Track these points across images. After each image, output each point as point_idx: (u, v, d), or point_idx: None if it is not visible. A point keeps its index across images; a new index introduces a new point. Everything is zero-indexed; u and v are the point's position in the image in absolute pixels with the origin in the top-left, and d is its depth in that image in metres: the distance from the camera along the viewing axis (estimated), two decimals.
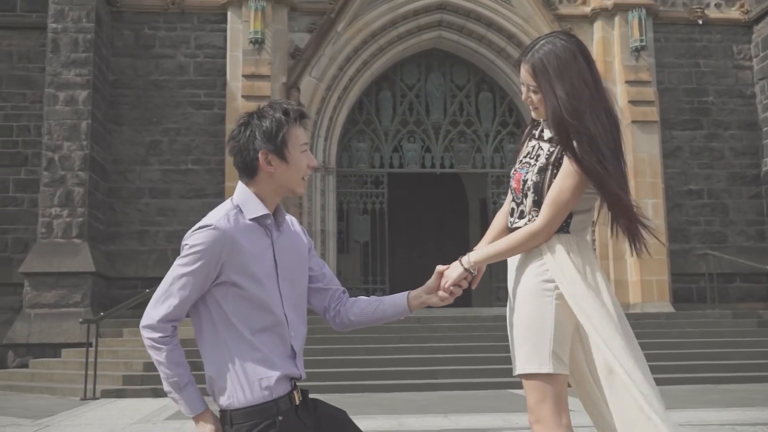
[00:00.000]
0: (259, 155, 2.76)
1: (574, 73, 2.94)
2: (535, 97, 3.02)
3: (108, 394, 10.76)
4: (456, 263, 3.02)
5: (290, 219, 2.96)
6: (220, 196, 15.21)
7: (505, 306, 3.16)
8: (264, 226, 2.79)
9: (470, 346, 12.45)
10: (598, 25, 16.61)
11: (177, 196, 15.49)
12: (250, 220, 2.76)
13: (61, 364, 12.63)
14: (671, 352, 12.26)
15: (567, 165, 2.92)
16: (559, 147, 2.98)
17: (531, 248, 2.99)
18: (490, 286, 16.67)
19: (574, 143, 2.88)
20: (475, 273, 3.00)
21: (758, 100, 17.27)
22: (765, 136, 17.02)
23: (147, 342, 2.70)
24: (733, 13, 17.50)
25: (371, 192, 16.97)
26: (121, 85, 15.73)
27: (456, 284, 2.97)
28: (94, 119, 14.62)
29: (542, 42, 3.04)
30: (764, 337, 13.45)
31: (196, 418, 2.72)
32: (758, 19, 17.20)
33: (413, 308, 2.98)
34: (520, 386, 3.04)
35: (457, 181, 21.25)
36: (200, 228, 2.70)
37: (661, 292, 15.52)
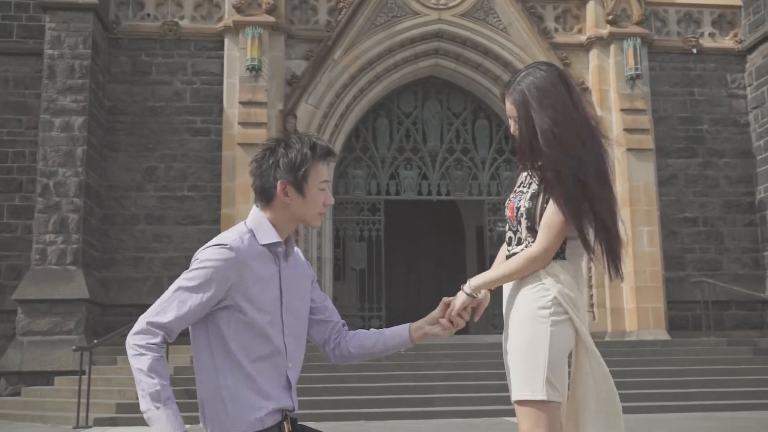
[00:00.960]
0: (278, 184, 2.77)
1: (554, 101, 2.99)
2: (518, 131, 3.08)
3: (101, 422, 10.67)
4: (459, 292, 3.05)
5: (296, 250, 2.96)
6: (216, 222, 15.19)
7: (502, 333, 3.18)
8: (274, 253, 2.79)
9: (466, 374, 12.39)
10: (593, 54, 16.70)
11: (173, 223, 15.46)
12: (262, 245, 2.76)
13: (54, 392, 12.52)
14: (667, 380, 12.22)
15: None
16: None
17: (530, 272, 3.01)
18: (487, 314, 16.59)
19: (548, 183, 2.95)
20: (478, 297, 3.03)
21: (752, 129, 17.33)
22: (759, 164, 17.06)
23: (133, 350, 2.59)
24: (727, 42, 17.61)
25: (368, 219, 16.97)
26: (117, 112, 15.75)
27: (460, 311, 3.00)
28: (89, 145, 14.62)
29: (523, 74, 3.11)
30: (760, 365, 13.40)
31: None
32: (752, 49, 17.31)
33: (414, 339, 2.98)
34: (515, 414, 3.04)
35: (453, 208, 21.25)
36: (214, 245, 2.69)
37: (657, 319, 15.49)
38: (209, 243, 2.71)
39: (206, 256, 2.67)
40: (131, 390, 11.41)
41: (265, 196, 2.81)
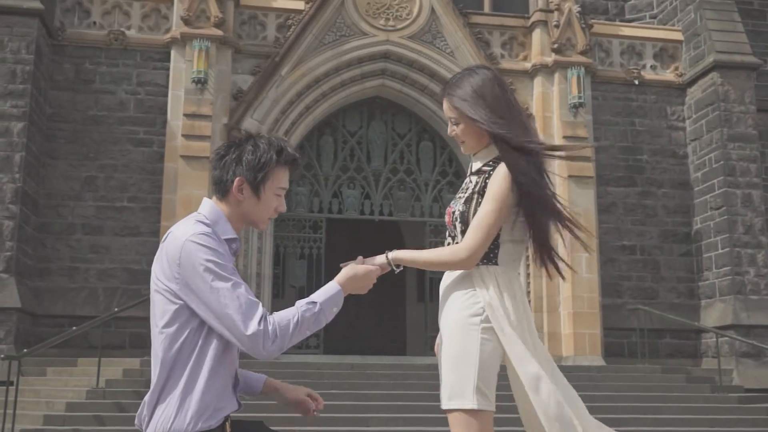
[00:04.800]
0: (236, 180, 2.75)
1: (490, 100, 3.07)
2: (458, 129, 3.13)
3: None
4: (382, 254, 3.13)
5: None
6: (156, 234, 14.97)
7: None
8: (229, 249, 2.75)
9: (403, 394, 12.37)
10: (538, 81, 16.93)
11: (110, 234, 15.19)
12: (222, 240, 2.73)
13: None
14: (602, 405, 12.30)
15: (489, 190, 3.01)
16: (483, 177, 3.08)
17: (453, 269, 3.03)
18: (425, 336, 16.63)
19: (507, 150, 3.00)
20: (394, 268, 3.10)
21: (690, 161, 17.71)
22: (696, 195, 17.43)
23: (276, 349, 2.62)
24: (668, 75, 18.01)
25: (309, 237, 16.89)
26: (59, 119, 15.47)
27: (372, 263, 3.07)
28: (28, 152, 14.32)
29: (458, 76, 3.21)
30: (692, 393, 13.62)
31: (342, 288, 2.87)
32: (691, 82, 17.72)
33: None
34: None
35: (395, 228, 21.28)
36: (201, 234, 2.62)
37: (593, 345, 15.66)
38: (194, 239, 2.62)
39: (207, 243, 2.61)
40: (60, 402, 11.18)
41: (221, 188, 2.80)
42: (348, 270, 2.92)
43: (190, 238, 2.62)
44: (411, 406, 11.88)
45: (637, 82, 17.73)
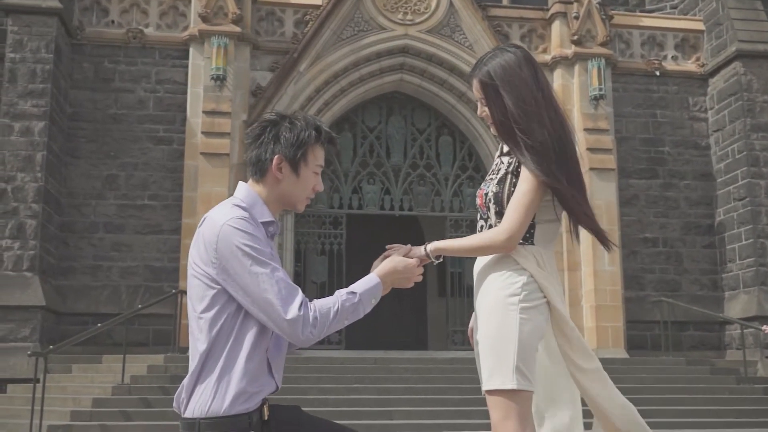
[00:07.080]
0: (275, 158, 2.74)
1: (519, 81, 3.00)
2: (488, 110, 3.08)
3: (55, 430, 10.44)
4: (421, 246, 3.07)
5: None
6: (177, 232, 15.03)
7: (461, 350, 3.17)
8: (266, 232, 2.73)
9: (426, 388, 12.35)
10: (558, 73, 16.85)
11: (132, 232, 15.25)
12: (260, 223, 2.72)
13: (7, 399, 12.27)
14: (626, 398, 12.23)
15: (525, 170, 2.94)
16: (516, 157, 3.00)
17: (494, 253, 2.98)
18: (447, 331, 16.58)
19: (526, 152, 2.93)
20: (433, 260, 3.05)
21: (713, 152, 17.56)
22: (719, 186, 17.28)
23: (315, 336, 2.62)
24: (690, 65, 17.85)
25: (329, 233, 16.88)
26: (79, 118, 15.53)
27: (413, 257, 2.99)
28: (49, 151, 14.40)
29: (489, 55, 3.14)
30: (717, 384, 13.53)
31: (382, 280, 2.82)
32: (713, 73, 17.56)
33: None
34: (474, 428, 3.00)
35: (415, 223, 21.24)
36: (238, 228, 2.60)
37: (616, 338, 15.58)
38: (225, 219, 2.62)
39: (244, 228, 2.60)
40: (86, 398, 11.25)
41: (258, 168, 2.77)
42: (388, 263, 2.90)
43: (228, 222, 2.61)
44: (434, 399, 11.87)
45: (658, 73, 17.59)
